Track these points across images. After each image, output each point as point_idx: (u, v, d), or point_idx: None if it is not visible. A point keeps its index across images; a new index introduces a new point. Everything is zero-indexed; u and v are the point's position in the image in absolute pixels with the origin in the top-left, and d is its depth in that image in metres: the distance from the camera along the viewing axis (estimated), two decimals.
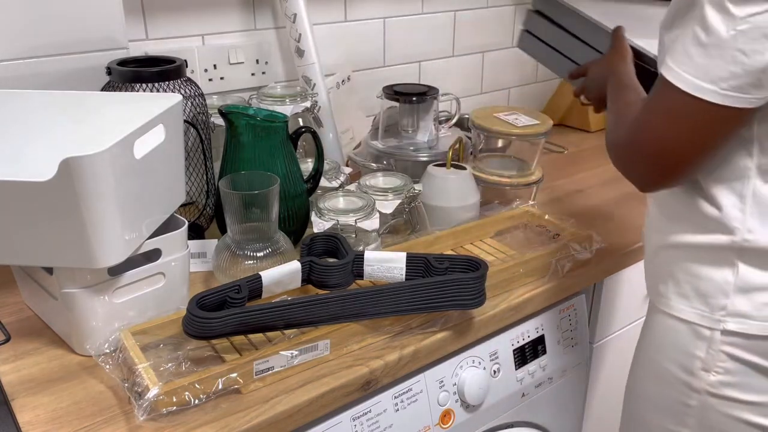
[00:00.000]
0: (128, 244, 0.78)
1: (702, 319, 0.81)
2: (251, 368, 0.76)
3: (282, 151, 1.00)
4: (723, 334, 0.80)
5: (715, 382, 0.81)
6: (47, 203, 0.71)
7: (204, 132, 1.02)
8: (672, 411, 0.87)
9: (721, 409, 0.82)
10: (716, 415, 0.83)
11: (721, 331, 0.80)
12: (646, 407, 0.91)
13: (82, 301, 0.78)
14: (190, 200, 1.04)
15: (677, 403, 0.85)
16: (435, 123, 1.28)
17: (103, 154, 0.70)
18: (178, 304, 0.87)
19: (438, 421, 0.92)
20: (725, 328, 0.80)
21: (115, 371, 0.76)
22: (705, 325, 0.81)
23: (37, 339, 0.85)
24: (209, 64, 1.24)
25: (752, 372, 0.80)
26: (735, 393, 0.81)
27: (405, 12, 1.48)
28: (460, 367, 0.94)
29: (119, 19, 1.05)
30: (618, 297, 1.20)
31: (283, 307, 0.77)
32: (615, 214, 1.23)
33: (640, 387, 0.92)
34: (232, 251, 0.93)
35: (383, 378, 0.83)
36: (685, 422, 0.85)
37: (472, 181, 1.14)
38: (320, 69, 1.27)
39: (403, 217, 1.08)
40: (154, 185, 0.82)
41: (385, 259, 0.90)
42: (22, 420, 0.72)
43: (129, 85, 0.96)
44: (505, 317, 0.96)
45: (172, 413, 0.72)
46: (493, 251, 1.07)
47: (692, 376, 0.83)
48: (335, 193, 1.04)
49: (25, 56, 0.99)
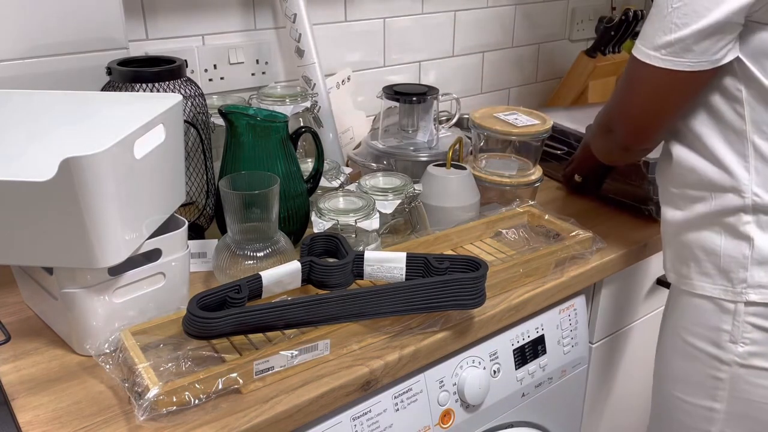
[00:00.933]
0: (128, 244, 0.78)
1: (725, 294, 0.87)
2: (251, 368, 0.76)
3: (282, 151, 1.00)
4: (746, 305, 0.85)
5: (743, 353, 0.86)
6: (47, 203, 0.71)
7: (204, 132, 1.02)
8: (703, 386, 0.90)
9: (750, 379, 0.86)
10: (746, 386, 0.87)
11: (744, 302, 0.85)
12: (677, 386, 0.95)
13: (82, 301, 0.78)
14: (190, 200, 1.04)
15: (708, 378, 0.90)
16: (435, 123, 1.28)
17: (103, 154, 0.70)
18: (178, 304, 0.87)
19: (438, 421, 0.92)
20: (747, 299, 0.85)
21: (115, 371, 0.76)
22: (728, 299, 0.86)
23: (37, 339, 0.85)
24: (209, 64, 1.24)
25: None
26: (763, 362, 0.86)
27: (405, 12, 1.48)
28: (460, 367, 0.94)
29: (119, 19, 1.05)
30: (618, 297, 1.20)
31: (283, 307, 0.77)
32: (615, 214, 1.23)
33: (669, 367, 0.96)
34: (232, 251, 0.93)
35: (383, 378, 0.83)
36: (716, 396, 0.89)
37: (472, 181, 1.14)
38: (320, 69, 1.27)
39: (403, 217, 1.08)
40: (154, 185, 0.82)
41: (385, 259, 0.90)
42: (22, 420, 0.72)
43: (129, 85, 0.96)
44: (505, 317, 0.96)
45: (172, 413, 0.72)
46: (493, 251, 1.07)
47: (720, 349, 0.88)
48: (335, 193, 1.04)
49: (25, 56, 0.99)
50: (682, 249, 0.92)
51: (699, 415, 0.92)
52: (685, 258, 0.92)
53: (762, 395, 0.87)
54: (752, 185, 0.83)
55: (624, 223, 1.19)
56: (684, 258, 0.92)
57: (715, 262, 0.88)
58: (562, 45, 1.84)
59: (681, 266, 0.93)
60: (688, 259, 0.91)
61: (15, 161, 0.78)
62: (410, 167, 1.21)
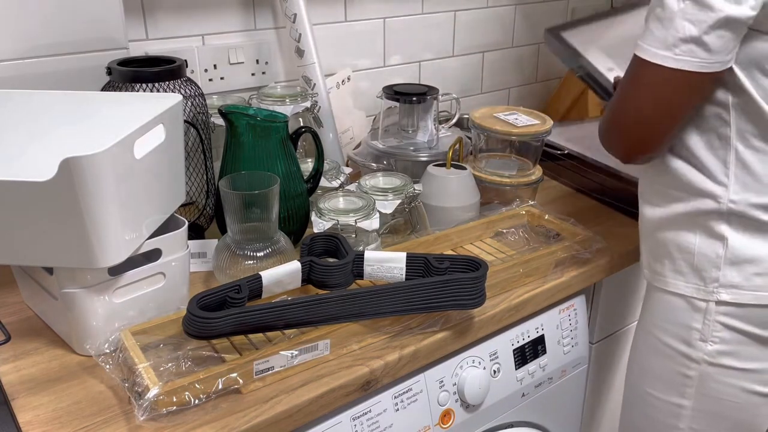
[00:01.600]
0: (128, 244, 0.78)
1: (697, 292, 0.87)
2: (251, 368, 0.76)
3: (282, 151, 1.00)
4: (717, 304, 0.86)
5: (712, 351, 0.87)
6: (47, 203, 0.71)
7: (204, 132, 1.02)
8: (672, 383, 0.92)
9: (718, 378, 0.88)
10: (714, 384, 0.88)
11: (716, 302, 0.86)
12: (648, 381, 0.96)
13: (82, 301, 0.78)
14: (190, 200, 1.04)
15: (677, 375, 0.91)
16: (435, 123, 1.28)
17: (103, 154, 0.70)
18: (178, 304, 0.87)
19: (438, 421, 0.92)
20: (719, 299, 0.86)
21: (115, 371, 0.76)
22: (700, 297, 0.87)
23: (37, 339, 0.85)
24: (209, 64, 1.24)
25: (747, 340, 0.86)
26: (731, 361, 0.87)
27: (405, 12, 1.48)
28: (460, 367, 0.94)
29: (119, 19, 1.05)
30: (618, 297, 1.20)
31: (283, 307, 0.77)
32: (615, 214, 1.23)
33: (641, 363, 0.97)
34: (232, 251, 0.93)
35: (383, 378, 0.83)
36: (684, 393, 0.91)
37: (472, 181, 1.14)
38: (320, 69, 1.27)
39: (403, 217, 1.08)
40: (154, 185, 0.82)
41: (385, 259, 0.90)
42: (22, 420, 0.72)
43: (129, 85, 0.96)
44: (505, 317, 0.96)
45: (172, 413, 0.72)
46: (493, 251, 1.07)
47: (690, 347, 0.88)
48: (335, 193, 1.04)
49: (25, 56, 0.99)
50: (657, 246, 0.92)
51: (667, 410, 0.93)
52: (659, 255, 0.92)
53: (729, 393, 0.88)
54: (730, 192, 0.83)
55: (624, 224, 1.19)
56: (659, 255, 0.92)
57: (688, 261, 0.88)
58: None
59: (656, 263, 0.93)
60: (662, 257, 0.91)
61: (15, 161, 0.78)
62: (410, 167, 1.21)
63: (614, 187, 1.23)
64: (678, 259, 0.89)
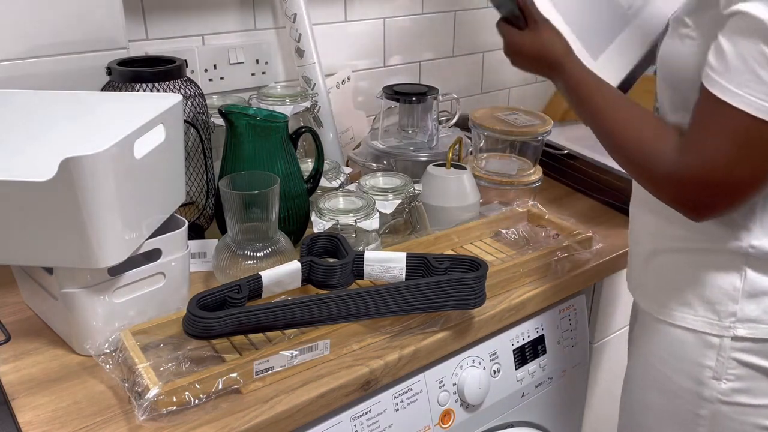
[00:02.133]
0: (128, 244, 0.78)
1: (710, 327, 0.79)
2: (251, 368, 0.76)
3: (282, 151, 1.00)
4: (733, 340, 0.78)
5: (726, 389, 0.79)
6: (47, 203, 0.71)
7: (204, 132, 1.02)
8: (682, 421, 0.84)
9: (733, 416, 0.80)
10: (728, 422, 0.81)
11: (732, 337, 0.78)
12: (653, 418, 0.88)
13: (82, 301, 0.78)
14: (190, 200, 1.04)
15: (688, 414, 0.83)
16: (435, 123, 1.28)
17: (103, 154, 0.70)
18: (178, 304, 0.87)
19: (438, 421, 0.92)
20: (736, 334, 0.78)
21: (115, 371, 0.76)
22: (714, 333, 0.79)
23: (37, 339, 0.85)
24: (209, 64, 1.24)
25: (762, 376, 0.78)
26: (747, 399, 0.79)
27: (405, 12, 1.48)
28: (460, 367, 0.94)
29: (119, 19, 1.05)
30: (618, 297, 1.20)
31: (283, 307, 0.77)
32: (615, 214, 1.23)
33: (642, 399, 0.89)
34: (232, 251, 0.93)
35: (383, 378, 0.83)
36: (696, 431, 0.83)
37: (472, 181, 1.14)
38: (320, 69, 1.27)
39: (403, 217, 1.08)
40: (154, 185, 0.82)
41: (385, 259, 0.90)
42: (22, 420, 0.72)
43: (129, 85, 0.96)
44: (505, 317, 0.96)
45: (172, 413, 0.72)
46: (493, 251, 1.07)
47: (702, 385, 0.81)
48: (335, 193, 1.04)
49: (25, 56, 0.99)
50: (659, 274, 0.84)
51: None
52: (662, 285, 0.83)
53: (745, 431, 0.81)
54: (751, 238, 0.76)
55: (624, 224, 1.19)
56: (661, 285, 0.84)
57: (698, 292, 0.79)
58: None
59: (657, 293, 0.84)
60: (666, 286, 0.83)
61: (15, 161, 0.78)
62: (410, 167, 1.21)
63: (614, 187, 1.23)
64: (686, 290, 0.80)
